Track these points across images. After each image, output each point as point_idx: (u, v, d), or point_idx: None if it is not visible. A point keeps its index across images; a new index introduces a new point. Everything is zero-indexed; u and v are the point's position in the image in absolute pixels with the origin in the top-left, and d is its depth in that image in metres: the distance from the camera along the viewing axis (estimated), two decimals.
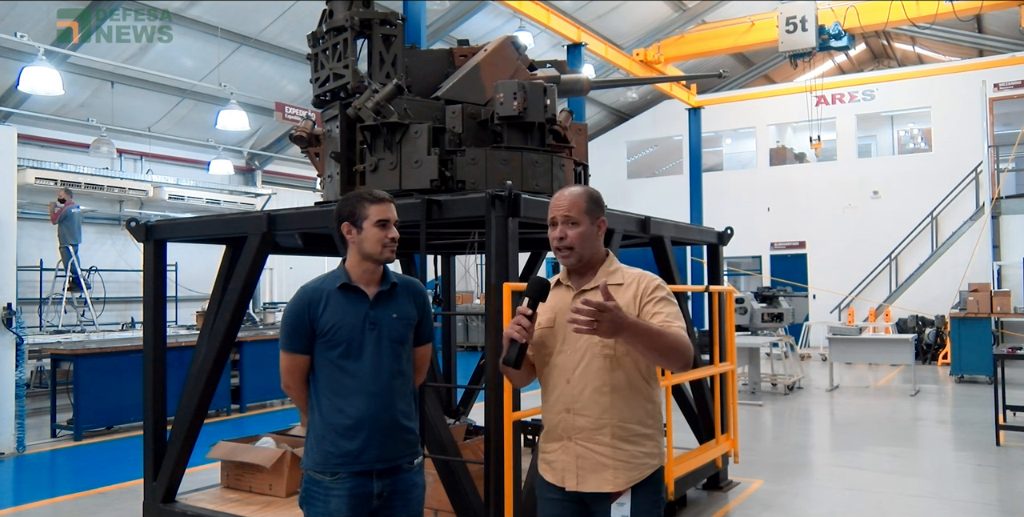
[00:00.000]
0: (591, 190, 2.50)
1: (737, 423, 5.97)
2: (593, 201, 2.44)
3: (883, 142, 21.20)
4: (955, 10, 13.34)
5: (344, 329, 2.62)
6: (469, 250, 5.59)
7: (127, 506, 5.59)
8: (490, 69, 4.63)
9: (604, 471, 2.36)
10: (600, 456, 2.36)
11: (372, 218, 2.65)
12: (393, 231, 2.68)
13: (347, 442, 2.59)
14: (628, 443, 2.36)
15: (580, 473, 2.39)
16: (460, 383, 7.78)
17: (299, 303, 2.65)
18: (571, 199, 2.42)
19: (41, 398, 9.73)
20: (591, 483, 2.37)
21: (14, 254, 7.81)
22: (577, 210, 2.40)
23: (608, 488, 2.35)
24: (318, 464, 2.62)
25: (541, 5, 13.75)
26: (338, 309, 2.63)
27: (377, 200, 2.68)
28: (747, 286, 19.14)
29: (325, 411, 2.64)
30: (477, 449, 4.60)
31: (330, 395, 2.64)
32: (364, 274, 2.69)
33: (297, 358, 2.66)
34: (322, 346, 2.63)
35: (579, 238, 2.39)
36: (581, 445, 2.38)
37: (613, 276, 2.43)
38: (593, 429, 2.37)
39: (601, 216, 2.45)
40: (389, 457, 2.64)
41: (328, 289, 2.66)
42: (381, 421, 2.63)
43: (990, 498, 5.83)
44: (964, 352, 11.94)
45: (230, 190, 15.64)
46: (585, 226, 2.40)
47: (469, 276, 19.70)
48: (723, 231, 6.23)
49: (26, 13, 10.42)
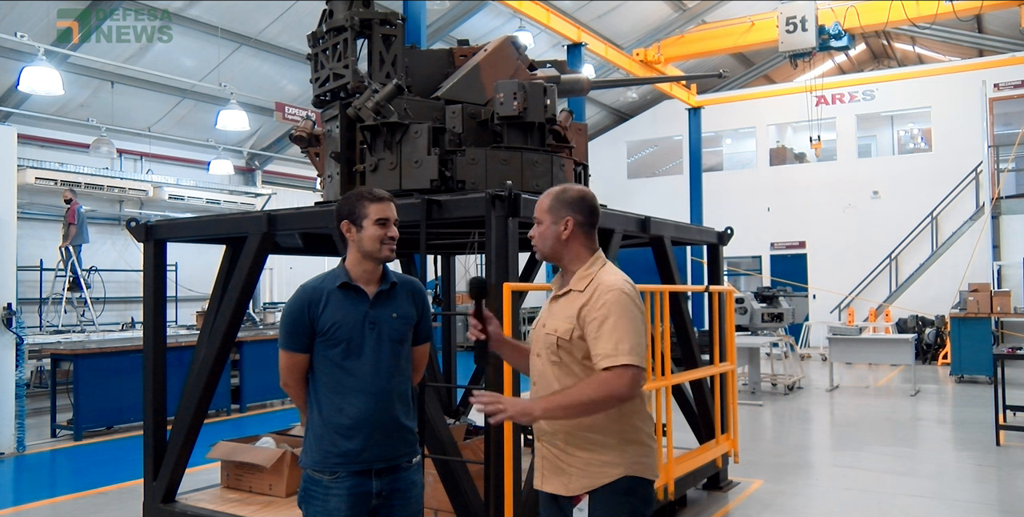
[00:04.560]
0: (564, 190, 2.49)
1: (737, 423, 5.97)
2: (558, 200, 2.45)
3: (883, 142, 21.19)
4: (955, 10, 13.33)
5: (344, 328, 2.62)
6: (469, 250, 5.59)
7: (127, 506, 5.59)
8: (490, 69, 4.63)
9: (561, 475, 2.42)
10: (558, 460, 2.42)
11: (372, 216, 2.65)
12: (393, 230, 2.68)
13: (346, 441, 2.60)
14: (582, 450, 2.38)
15: (544, 473, 2.47)
16: (460, 383, 7.77)
17: (299, 302, 2.65)
18: (540, 199, 2.50)
19: (41, 398, 9.73)
20: (551, 484, 2.45)
21: (14, 254, 7.81)
22: (539, 209, 2.48)
23: (562, 491, 2.41)
24: (317, 463, 2.62)
25: (541, 5, 13.75)
26: (338, 308, 2.63)
27: (377, 199, 2.68)
28: (747, 286, 19.13)
29: (325, 410, 2.64)
30: (477, 449, 4.60)
31: (329, 394, 2.64)
32: (364, 273, 2.69)
33: (296, 356, 2.66)
34: (322, 345, 2.63)
35: (538, 236, 2.48)
36: (546, 447, 2.46)
37: (581, 281, 2.42)
38: (551, 433, 2.43)
39: (568, 215, 2.43)
40: (388, 456, 2.65)
41: (328, 288, 2.66)
42: (380, 420, 2.63)
43: (990, 498, 5.84)
44: (964, 352, 11.93)
45: (230, 190, 15.63)
46: (545, 225, 2.46)
47: (469, 276, 19.69)
48: (723, 231, 6.23)
49: (26, 13, 10.42)
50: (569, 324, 2.37)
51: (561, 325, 2.39)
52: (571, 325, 2.36)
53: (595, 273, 2.43)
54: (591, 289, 2.38)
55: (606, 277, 2.40)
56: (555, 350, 2.38)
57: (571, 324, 2.36)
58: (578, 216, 2.44)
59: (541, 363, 2.45)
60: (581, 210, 2.45)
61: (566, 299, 2.44)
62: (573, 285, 2.43)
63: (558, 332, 2.39)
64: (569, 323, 2.37)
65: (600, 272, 2.42)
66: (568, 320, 2.38)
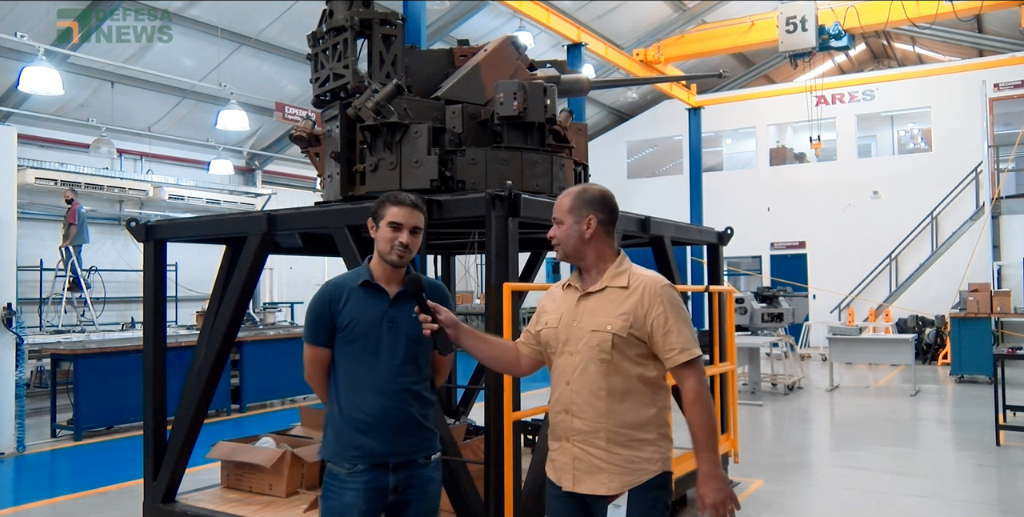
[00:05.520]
0: (585, 189, 2.50)
1: (737, 423, 5.97)
2: (580, 199, 2.47)
3: (883, 142, 21.19)
4: (955, 10, 13.33)
5: (362, 325, 2.67)
6: (469, 250, 5.59)
7: (127, 506, 5.59)
8: (490, 69, 4.63)
9: (599, 474, 2.37)
10: (595, 459, 2.37)
11: (387, 219, 2.71)
12: (404, 236, 2.70)
13: (363, 436, 2.64)
14: (624, 448, 2.36)
15: (576, 474, 2.40)
16: (460, 383, 7.77)
17: (321, 297, 2.73)
18: (559, 199, 2.51)
19: (41, 398, 9.73)
20: (586, 484, 2.39)
21: (14, 254, 7.81)
22: (560, 209, 2.48)
23: (602, 491, 2.36)
24: (335, 455, 2.69)
25: (541, 5, 13.75)
26: (357, 305, 2.69)
27: (398, 202, 2.74)
28: (747, 286, 19.13)
29: (344, 405, 2.70)
30: (477, 449, 4.60)
31: (348, 390, 2.70)
32: (385, 273, 2.75)
33: (318, 351, 2.74)
34: (341, 341, 2.70)
35: (561, 236, 2.48)
36: (578, 447, 2.40)
37: (618, 278, 2.43)
38: (589, 432, 2.38)
39: (590, 214, 2.44)
40: (404, 452, 2.68)
41: (350, 285, 2.73)
42: (395, 418, 2.66)
43: (990, 498, 5.84)
44: (964, 352, 11.94)
45: (230, 190, 15.63)
46: (568, 224, 2.46)
47: (469, 276, 19.67)
48: (723, 231, 6.22)
49: (26, 13, 10.42)
50: (623, 322, 2.35)
51: (614, 322, 2.36)
52: (625, 322, 2.35)
53: (630, 270, 2.45)
54: (638, 286, 2.39)
55: (645, 273, 2.44)
56: (608, 348, 2.35)
57: (625, 321, 2.35)
58: (600, 215, 2.45)
59: (581, 361, 2.39)
60: (603, 209, 2.47)
61: (603, 297, 2.42)
62: (609, 282, 2.42)
63: (613, 329, 2.35)
64: (624, 320, 2.35)
65: (633, 269, 2.46)
66: (621, 317, 2.35)
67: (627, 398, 2.37)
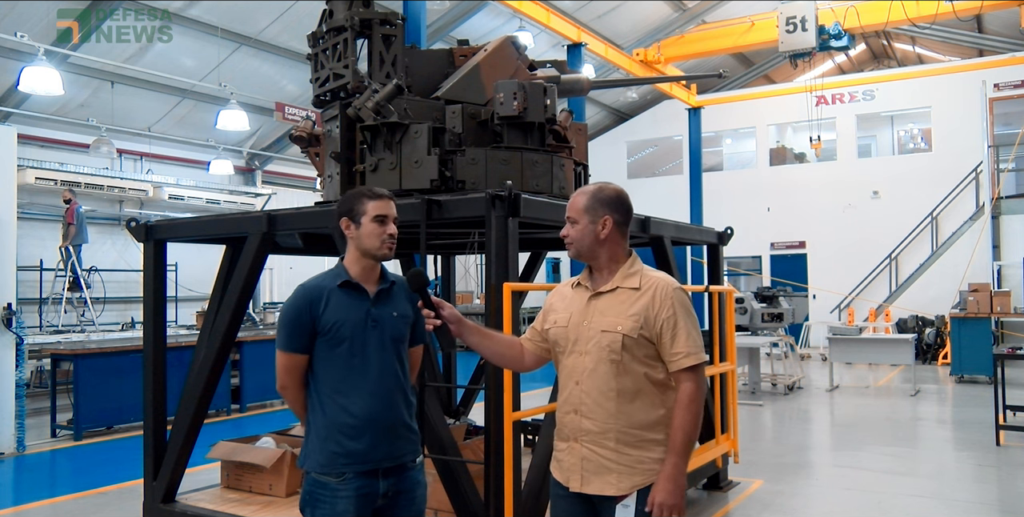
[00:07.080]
0: (600, 189, 2.50)
1: (737, 423, 5.97)
2: (595, 199, 2.46)
3: (883, 142, 21.19)
4: (955, 10, 13.33)
5: (346, 327, 2.59)
6: (469, 250, 5.59)
7: (127, 506, 5.58)
8: (490, 69, 4.63)
9: (608, 474, 2.36)
10: (604, 460, 2.36)
11: (370, 213, 2.64)
12: (391, 227, 2.67)
13: (352, 441, 2.57)
14: (633, 448, 2.35)
15: (584, 475, 2.39)
16: (460, 383, 7.77)
17: (299, 301, 2.61)
18: (573, 199, 2.50)
19: (41, 398, 9.72)
20: (594, 485, 2.38)
21: (14, 254, 7.80)
22: (574, 209, 2.48)
23: (611, 491, 2.35)
24: (323, 466, 2.58)
25: (541, 5, 13.75)
26: (340, 307, 2.61)
27: (376, 196, 2.68)
28: (747, 286, 19.13)
29: (329, 411, 2.60)
30: (477, 449, 4.60)
31: (333, 394, 2.61)
32: (363, 271, 2.68)
33: (296, 358, 2.62)
34: (324, 344, 2.60)
35: (575, 235, 2.48)
36: (587, 448, 2.39)
37: (630, 279, 2.43)
38: (598, 432, 2.37)
39: (606, 214, 2.44)
40: (395, 455, 2.64)
41: (329, 287, 2.63)
42: (386, 419, 2.62)
43: (990, 498, 5.84)
44: (964, 352, 11.93)
45: (230, 190, 15.63)
46: (583, 224, 2.45)
47: (469, 276, 19.68)
48: (723, 231, 6.23)
49: (26, 13, 10.42)
50: (634, 322, 2.35)
51: (625, 323, 2.35)
52: (636, 323, 2.35)
53: (642, 271, 2.45)
54: (650, 287, 2.39)
55: (657, 275, 2.45)
56: (618, 348, 2.34)
57: (636, 322, 2.35)
58: (616, 215, 2.45)
59: (591, 361, 2.39)
60: (618, 209, 2.46)
61: (614, 297, 2.41)
62: (621, 283, 2.42)
63: (623, 330, 2.35)
64: (634, 321, 2.35)
65: (645, 271, 2.46)
66: (632, 318, 2.35)
67: (637, 399, 2.37)
